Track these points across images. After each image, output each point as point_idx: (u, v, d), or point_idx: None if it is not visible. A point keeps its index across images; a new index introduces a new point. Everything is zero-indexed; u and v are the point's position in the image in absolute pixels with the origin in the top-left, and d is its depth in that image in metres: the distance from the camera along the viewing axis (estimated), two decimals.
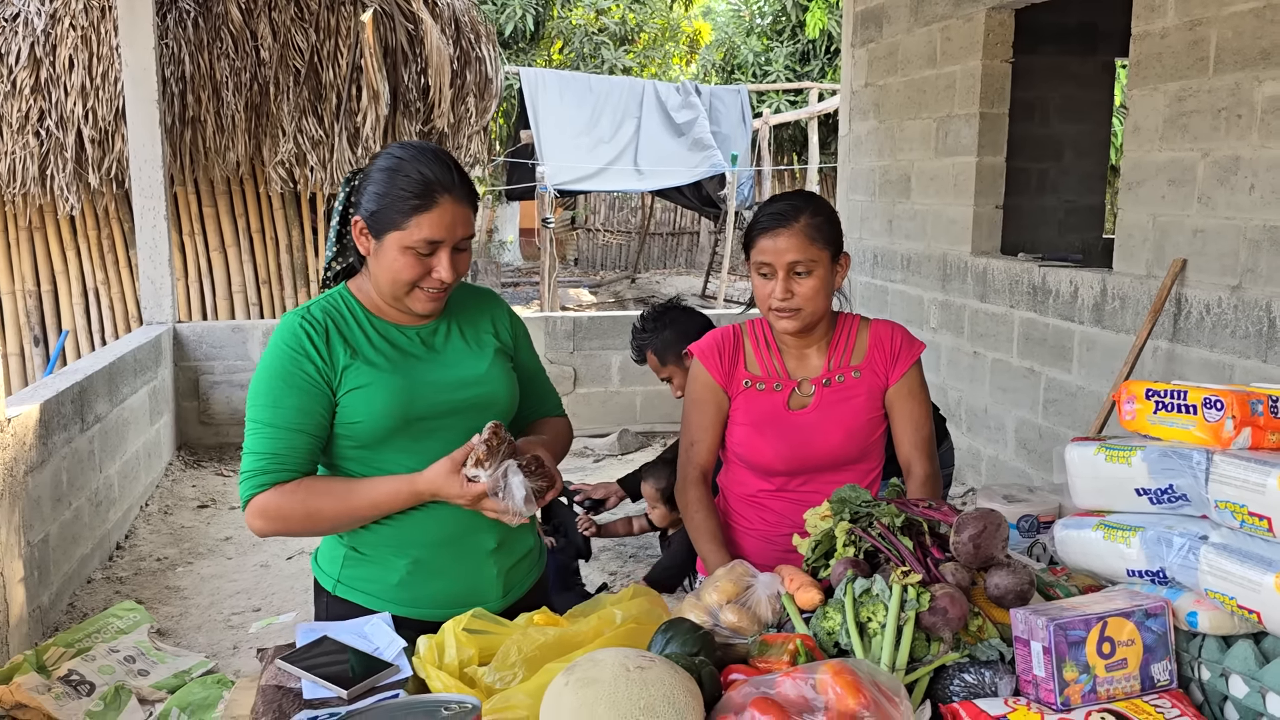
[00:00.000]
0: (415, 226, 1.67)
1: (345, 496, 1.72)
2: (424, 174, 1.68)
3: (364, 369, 1.73)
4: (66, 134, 6.62)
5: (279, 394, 1.70)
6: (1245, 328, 3.68)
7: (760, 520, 2.04)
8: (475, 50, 7.34)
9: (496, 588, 1.84)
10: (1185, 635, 1.46)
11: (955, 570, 1.52)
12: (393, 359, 1.76)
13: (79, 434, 4.32)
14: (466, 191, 1.73)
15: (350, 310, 1.79)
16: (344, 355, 1.73)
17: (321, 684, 1.51)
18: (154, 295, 6.18)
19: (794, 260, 1.89)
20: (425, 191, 1.67)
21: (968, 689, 1.43)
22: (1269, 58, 3.54)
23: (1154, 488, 1.48)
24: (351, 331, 1.76)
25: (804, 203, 1.92)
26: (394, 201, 1.68)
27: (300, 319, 1.75)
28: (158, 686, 3.34)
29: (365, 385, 1.72)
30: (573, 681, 1.31)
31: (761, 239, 1.91)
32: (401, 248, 1.68)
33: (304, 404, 1.70)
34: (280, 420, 1.70)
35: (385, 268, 1.71)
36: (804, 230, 1.89)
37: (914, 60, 5.88)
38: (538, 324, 6.73)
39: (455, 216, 1.70)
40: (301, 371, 1.70)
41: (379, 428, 1.73)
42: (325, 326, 1.74)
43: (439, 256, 1.70)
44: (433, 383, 1.77)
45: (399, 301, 1.75)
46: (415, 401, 1.74)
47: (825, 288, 1.92)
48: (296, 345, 1.71)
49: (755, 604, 1.62)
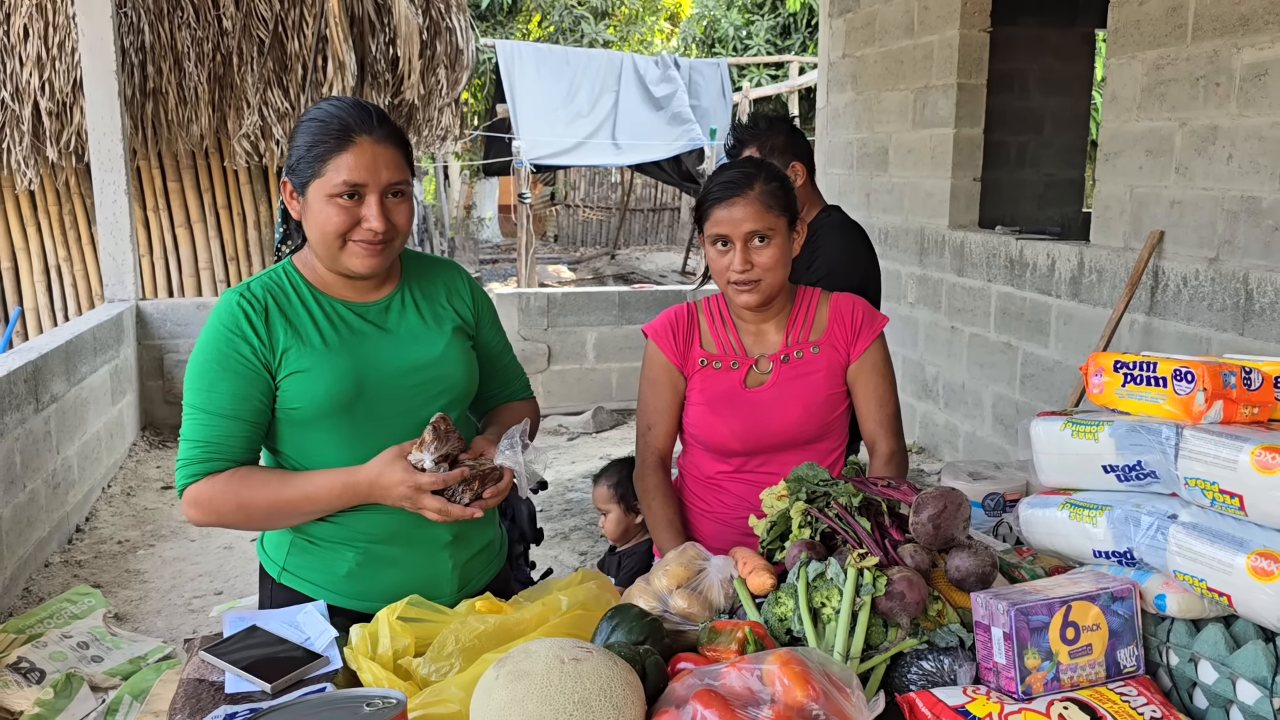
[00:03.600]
0: (334, 170, 1.56)
1: (279, 490, 1.61)
2: (336, 114, 1.58)
3: (306, 350, 1.61)
4: (23, 106, 6.44)
5: (214, 378, 1.60)
6: (1222, 300, 3.63)
7: (719, 503, 1.96)
8: (445, 20, 7.17)
9: (452, 581, 1.74)
10: (1154, 619, 1.39)
11: (914, 552, 1.45)
12: (338, 339, 1.64)
13: (33, 414, 4.20)
14: (389, 133, 1.61)
15: (294, 286, 1.67)
16: (285, 336, 1.61)
17: (245, 677, 1.42)
18: (115, 271, 6.03)
19: (752, 229, 1.80)
20: (340, 132, 1.56)
21: (926, 677, 1.36)
22: (1248, 24, 3.46)
23: (1122, 464, 1.41)
24: (294, 309, 1.64)
25: (756, 169, 1.84)
26: (309, 148, 1.58)
27: (239, 297, 1.63)
28: (111, 673, 3.25)
29: (307, 369, 1.61)
30: (504, 675, 1.23)
31: (716, 209, 1.82)
32: (325, 197, 1.57)
33: (239, 389, 1.60)
34: (214, 406, 1.60)
35: (313, 224, 1.59)
36: (760, 198, 1.80)
37: (891, 30, 5.77)
38: (511, 300, 6.62)
39: (377, 158, 1.57)
40: (237, 354, 1.59)
41: (321, 414, 1.62)
42: (265, 305, 1.63)
43: (367, 203, 1.57)
44: (382, 364, 1.65)
45: (336, 262, 1.62)
46: (362, 385, 1.63)
47: (784, 257, 1.84)
48: (233, 325, 1.60)
49: (707, 589, 1.55)
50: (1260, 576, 1.23)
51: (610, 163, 12.24)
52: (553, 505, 5.06)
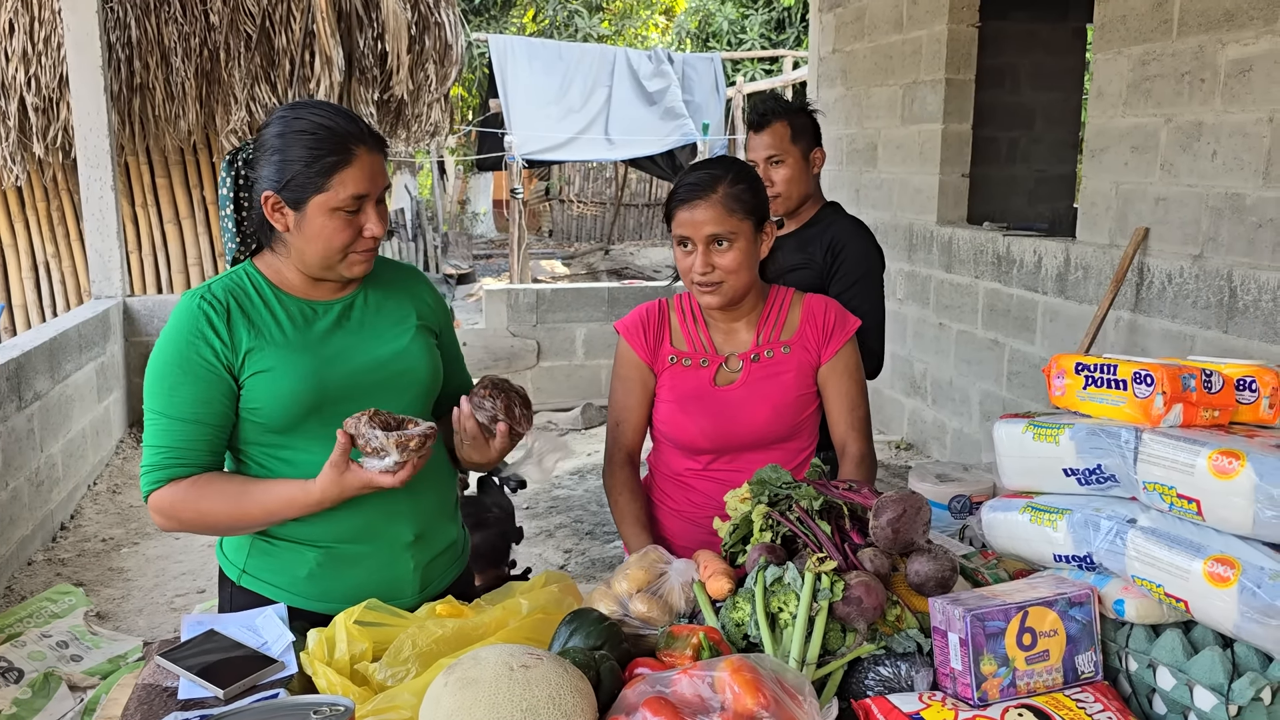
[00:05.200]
0: (340, 185, 1.56)
1: (237, 499, 1.60)
2: (330, 127, 1.56)
3: (269, 350, 1.60)
4: (9, 102, 6.40)
5: (175, 382, 1.58)
6: (1206, 298, 3.61)
7: (687, 501, 1.95)
8: (435, 15, 7.14)
9: (413, 582, 1.72)
10: (1113, 624, 1.38)
11: (874, 556, 1.43)
12: (301, 337, 1.63)
13: (16, 412, 4.18)
14: (376, 140, 1.62)
15: (255, 287, 1.65)
16: (248, 337, 1.60)
17: (198, 682, 1.41)
18: (102, 268, 6.01)
19: (712, 233, 1.79)
20: (340, 145, 1.56)
21: (883, 683, 1.35)
22: (1233, 20, 3.44)
23: (1082, 468, 1.40)
24: (256, 310, 1.63)
25: (723, 171, 1.82)
26: (308, 164, 1.55)
27: (199, 299, 1.61)
28: (90, 672, 3.24)
29: (270, 369, 1.59)
30: (452, 682, 1.22)
31: (679, 210, 1.82)
32: (329, 211, 1.57)
33: (202, 393, 1.58)
34: (176, 411, 1.58)
35: (314, 237, 1.58)
36: (721, 201, 1.79)
37: (881, 25, 5.74)
38: (500, 297, 6.60)
39: (373, 166, 1.60)
40: (199, 357, 1.58)
41: (287, 414, 1.61)
42: (227, 305, 1.61)
43: (366, 212, 1.60)
44: (346, 361, 1.65)
45: (332, 271, 1.63)
46: (326, 383, 1.62)
47: (748, 259, 1.82)
48: (194, 328, 1.59)
49: (668, 593, 1.53)
50: (1216, 582, 1.22)
51: (603, 158, 12.21)
52: (539, 502, 5.05)
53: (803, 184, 2.56)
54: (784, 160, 2.53)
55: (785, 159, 2.53)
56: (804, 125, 2.56)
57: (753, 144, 2.58)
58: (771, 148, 2.53)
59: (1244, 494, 1.20)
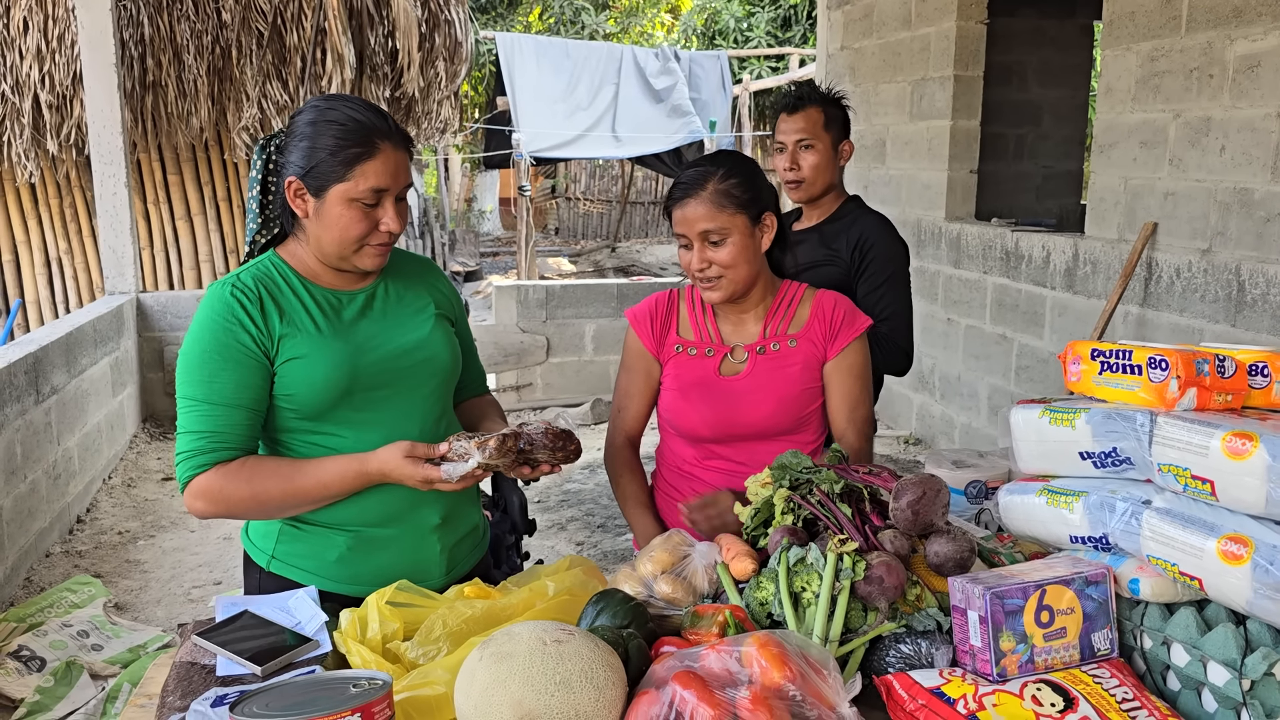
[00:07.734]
0: (360, 176, 1.59)
1: (291, 477, 1.64)
2: (360, 120, 1.61)
3: (301, 338, 1.64)
4: (23, 99, 6.46)
5: (214, 368, 1.61)
6: (1215, 292, 3.64)
7: (691, 491, 1.97)
8: (445, 13, 7.18)
9: (440, 565, 1.77)
10: (1128, 603, 1.41)
11: (894, 538, 1.47)
12: (331, 326, 1.68)
13: (34, 406, 4.23)
14: (403, 138, 1.66)
15: (283, 276, 1.69)
16: (280, 323, 1.64)
17: (236, 660, 1.45)
18: (116, 264, 6.06)
19: (704, 229, 1.82)
20: (365, 139, 1.60)
21: (904, 660, 1.38)
22: (1241, 15, 3.47)
23: (1098, 451, 1.43)
24: (286, 298, 1.67)
25: (715, 167, 1.83)
26: (333, 153, 1.59)
27: (230, 287, 1.65)
28: (111, 661, 3.28)
29: (304, 355, 1.64)
30: (487, 656, 1.25)
31: (674, 210, 1.85)
32: (347, 201, 1.60)
33: (241, 377, 1.62)
34: (217, 396, 1.61)
35: (331, 225, 1.62)
36: (711, 197, 1.81)
37: (889, 22, 5.77)
38: (509, 293, 6.64)
39: (397, 163, 1.63)
40: (237, 343, 1.62)
41: (320, 400, 1.65)
42: (258, 294, 1.65)
43: (384, 207, 1.63)
44: (376, 348, 1.69)
45: (346, 261, 1.66)
46: (358, 369, 1.66)
47: (744, 253, 1.84)
48: (229, 315, 1.62)
49: (691, 574, 1.57)
50: (1230, 560, 1.25)
51: (610, 155, 12.25)
52: (550, 496, 5.09)
53: (828, 173, 2.54)
54: (814, 145, 2.51)
55: (815, 144, 2.51)
56: (836, 115, 2.54)
57: (784, 126, 2.54)
58: (803, 131, 2.50)
59: (1257, 474, 1.23)
